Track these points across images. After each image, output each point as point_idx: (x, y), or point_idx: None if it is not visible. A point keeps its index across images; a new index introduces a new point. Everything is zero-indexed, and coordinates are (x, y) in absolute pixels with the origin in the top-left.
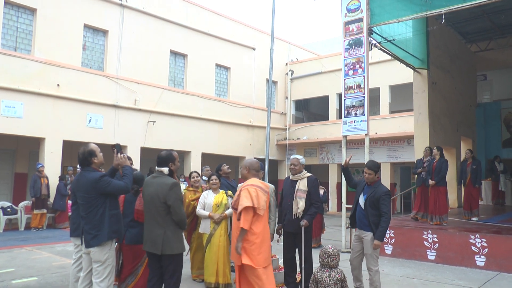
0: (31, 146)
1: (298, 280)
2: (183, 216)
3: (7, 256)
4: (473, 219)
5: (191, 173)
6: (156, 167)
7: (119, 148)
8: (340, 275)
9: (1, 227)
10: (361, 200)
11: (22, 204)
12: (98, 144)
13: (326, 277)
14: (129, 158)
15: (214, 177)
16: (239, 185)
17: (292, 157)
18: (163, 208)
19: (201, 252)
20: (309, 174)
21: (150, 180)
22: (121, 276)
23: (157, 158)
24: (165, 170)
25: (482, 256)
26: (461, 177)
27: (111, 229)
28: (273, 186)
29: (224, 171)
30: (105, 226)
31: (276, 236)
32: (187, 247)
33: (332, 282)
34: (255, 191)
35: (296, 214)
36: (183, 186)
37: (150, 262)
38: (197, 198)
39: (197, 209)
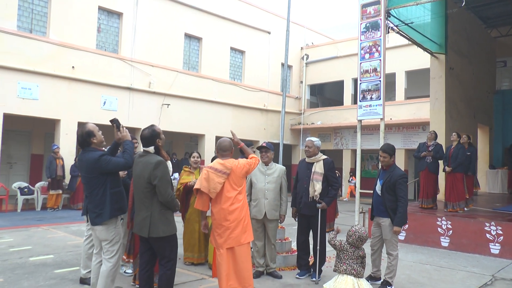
0: (46, 128)
1: (310, 263)
2: (170, 196)
3: (24, 235)
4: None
5: (192, 153)
6: (142, 148)
7: (118, 123)
8: (363, 252)
9: (19, 207)
10: (378, 186)
11: (38, 184)
12: (113, 126)
13: (351, 251)
14: (133, 138)
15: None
16: None
17: (307, 139)
18: (149, 188)
19: (193, 235)
20: (325, 157)
21: (137, 159)
22: (135, 253)
23: (140, 138)
24: (151, 149)
25: (496, 244)
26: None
27: (113, 207)
28: (284, 167)
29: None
30: (107, 204)
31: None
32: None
33: (355, 256)
34: (206, 174)
35: (313, 196)
36: None
37: (140, 244)
38: (187, 183)
39: None
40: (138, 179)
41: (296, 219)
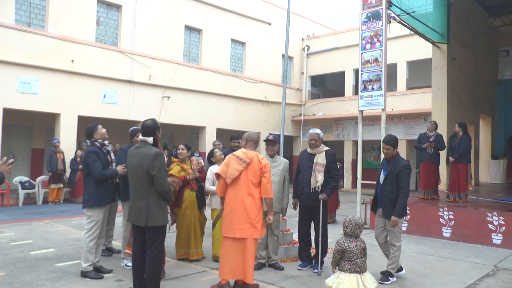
0: (47, 122)
1: (312, 254)
2: (167, 186)
3: (26, 229)
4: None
5: (177, 146)
6: (140, 136)
7: (11, 157)
8: (364, 243)
9: (20, 201)
10: (381, 177)
11: (39, 179)
12: (113, 120)
13: (353, 246)
14: (139, 131)
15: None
16: None
17: (312, 132)
18: (147, 179)
19: (189, 230)
20: (327, 148)
21: (133, 150)
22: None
23: (141, 127)
24: (150, 139)
25: (499, 234)
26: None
27: None
28: (287, 161)
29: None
30: None
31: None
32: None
33: (359, 251)
34: (227, 160)
35: (315, 187)
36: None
37: (135, 234)
38: (185, 176)
39: (206, 185)
40: (135, 170)
41: (296, 209)
